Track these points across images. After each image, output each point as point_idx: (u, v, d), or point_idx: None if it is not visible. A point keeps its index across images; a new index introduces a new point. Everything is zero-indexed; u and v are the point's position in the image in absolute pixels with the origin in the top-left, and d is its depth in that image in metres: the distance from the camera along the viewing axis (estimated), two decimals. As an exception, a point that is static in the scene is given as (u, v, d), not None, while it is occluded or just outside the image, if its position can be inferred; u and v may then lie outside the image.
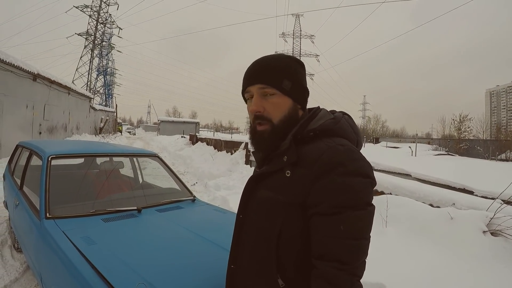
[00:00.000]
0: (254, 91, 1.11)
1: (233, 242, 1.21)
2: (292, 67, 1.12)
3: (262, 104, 1.09)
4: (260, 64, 1.12)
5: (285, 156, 1.03)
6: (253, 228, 1.11)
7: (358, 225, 0.92)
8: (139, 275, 1.58)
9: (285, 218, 1.00)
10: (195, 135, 20.81)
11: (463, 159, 21.77)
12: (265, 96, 1.09)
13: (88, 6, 48.54)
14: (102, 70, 52.87)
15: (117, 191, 3.24)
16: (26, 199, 2.91)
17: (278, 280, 1.01)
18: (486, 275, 3.15)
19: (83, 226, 2.23)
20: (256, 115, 1.10)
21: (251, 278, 1.10)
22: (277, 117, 1.08)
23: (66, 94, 18.96)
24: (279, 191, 1.03)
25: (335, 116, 1.13)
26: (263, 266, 1.05)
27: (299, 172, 1.00)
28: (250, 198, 1.15)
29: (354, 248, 0.91)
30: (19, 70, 11.96)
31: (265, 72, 1.09)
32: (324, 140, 1.02)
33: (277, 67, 1.10)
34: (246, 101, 1.19)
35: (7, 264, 3.39)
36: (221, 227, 2.45)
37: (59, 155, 2.93)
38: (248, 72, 1.14)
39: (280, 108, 1.09)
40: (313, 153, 0.99)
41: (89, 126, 26.20)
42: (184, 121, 57.78)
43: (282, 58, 1.14)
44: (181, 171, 11.45)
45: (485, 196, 5.59)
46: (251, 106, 1.11)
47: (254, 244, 1.10)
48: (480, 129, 35.56)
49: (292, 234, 1.00)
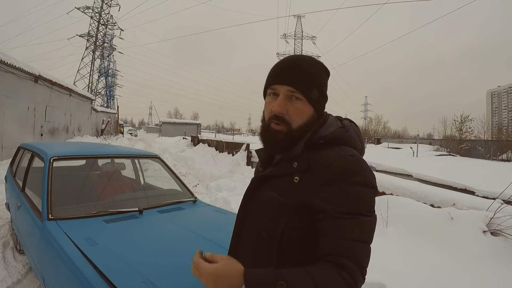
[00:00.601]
0: (281, 91, 1.08)
1: (232, 240, 1.22)
2: (322, 76, 1.12)
3: (286, 107, 1.07)
4: (294, 66, 1.09)
5: (296, 162, 1.04)
6: (255, 227, 1.11)
7: (368, 230, 0.97)
8: (141, 275, 1.60)
9: (289, 220, 1.01)
10: (196, 137, 20.81)
11: (465, 160, 21.74)
12: (290, 99, 1.07)
13: (89, 8, 48.64)
14: (104, 71, 53.01)
15: (119, 192, 3.26)
16: (28, 201, 2.93)
17: None
18: (486, 274, 3.15)
19: (85, 227, 2.24)
20: (276, 115, 1.08)
21: None
22: (297, 123, 1.08)
23: (68, 95, 18.97)
24: (286, 195, 1.03)
25: (344, 124, 1.14)
26: (263, 264, 1.05)
27: (308, 178, 1.01)
28: (253, 197, 1.15)
29: (364, 250, 0.95)
30: (20, 72, 11.97)
31: (298, 77, 1.07)
32: (334, 148, 1.04)
33: (311, 74, 1.08)
34: (265, 95, 1.17)
35: (9, 266, 3.40)
36: (222, 227, 2.46)
37: (61, 157, 2.95)
38: (279, 70, 1.11)
39: (302, 115, 1.08)
40: (323, 161, 1.00)
41: (91, 128, 26.21)
42: (185, 122, 57.70)
43: (315, 64, 1.12)
44: (183, 173, 11.46)
45: (486, 196, 5.57)
46: (275, 105, 1.08)
47: (254, 243, 1.11)
48: (481, 130, 35.42)
49: (295, 235, 1.01)
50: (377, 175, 6.32)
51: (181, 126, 50.29)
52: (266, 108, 1.13)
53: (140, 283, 1.45)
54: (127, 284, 1.50)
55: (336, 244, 0.94)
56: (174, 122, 55.88)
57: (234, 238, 1.21)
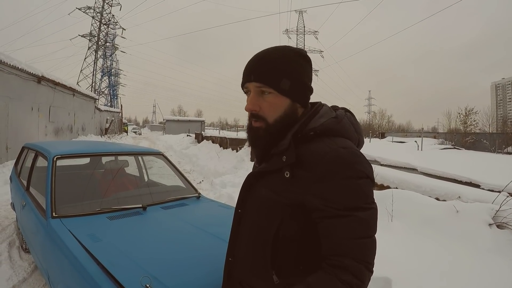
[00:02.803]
0: (251, 88, 1.07)
1: (231, 236, 1.21)
2: (294, 63, 1.06)
3: (258, 103, 1.06)
4: (259, 60, 1.07)
5: (284, 156, 1.01)
6: (251, 224, 1.12)
7: (370, 224, 0.94)
8: (143, 269, 1.60)
9: (283, 219, 1.01)
10: (200, 134, 20.87)
11: (469, 153, 21.63)
12: (262, 94, 1.06)
13: (91, 8, 48.73)
14: (107, 71, 53.15)
15: (122, 189, 3.27)
16: (32, 200, 2.94)
17: (273, 276, 1.03)
18: (491, 268, 3.13)
19: (88, 224, 2.25)
20: (251, 113, 1.08)
21: (247, 272, 1.12)
22: (272, 116, 1.05)
23: (71, 95, 19.03)
24: (278, 192, 1.02)
25: (337, 114, 1.10)
26: (259, 261, 1.06)
27: (299, 173, 0.99)
28: (248, 194, 1.15)
29: (369, 245, 0.94)
30: (23, 73, 12.00)
31: (263, 70, 1.04)
32: (325, 140, 1.01)
33: (277, 65, 1.04)
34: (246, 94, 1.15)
35: (15, 265, 3.43)
36: (225, 222, 2.44)
37: (64, 155, 2.96)
38: (246, 67, 1.09)
39: (276, 108, 1.05)
40: (314, 155, 0.97)
41: (95, 127, 26.31)
42: (189, 119, 57.69)
43: (285, 52, 1.07)
44: (187, 170, 11.48)
45: (491, 189, 5.56)
46: (246, 104, 1.08)
47: (251, 240, 1.11)
48: (486, 123, 35.36)
49: (289, 234, 1.01)
50: (381, 169, 6.31)
51: (185, 124, 50.32)
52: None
53: (142, 277, 1.45)
54: (130, 279, 1.50)
55: (338, 245, 0.93)
56: (178, 120, 55.90)
57: (232, 235, 1.21)
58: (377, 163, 9.45)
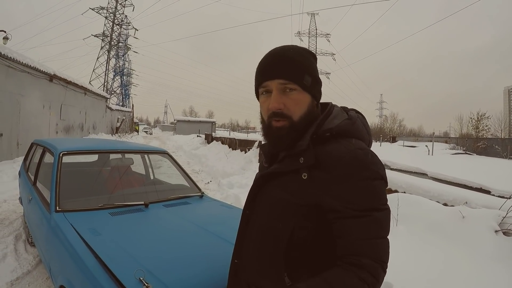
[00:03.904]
0: (273, 86, 1.04)
1: (238, 237, 1.21)
2: (309, 60, 1.08)
3: (282, 101, 1.03)
4: (279, 57, 1.05)
5: (302, 157, 1.00)
6: (261, 226, 1.10)
7: (384, 224, 0.95)
8: (140, 264, 1.61)
9: (298, 220, 0.99)
10: (210, 134, 20.94)
11: (481, 158, 21.34)
12: (285, 92, 1.03)
13: (104, 8, 49.25)
14: (119, 70, 53.58)
15: (127, 187, 3.29)
16: (38, 194, 2.99)
17: (285, 278, 1.01)
18: (497, 275, 3.08)
19: (90, 219, 2.28)
20: (275, 112, 1.03)
21: (256, 274, 1.10)
22: (297, 114, 1.04)
23: (83, 94, 19.25)
24: (293, 193, 1.01)
25: (350, 116, 1.10)
26: (270, 263, 1.05)
27: (317, 175, 0.98)
28: (258, 195, 1.14)
29: (383, 245, 0.95)
30: (35, 71, 12.18)
31: (286, 67, 1.03)
32: (342, 142, 1.00)
33: (298, 61, 1.04)
34: (257, 96, 1.13)
35: (20, 258, 3.48)
36: (226, 221, 2.48)
37: (70, 151, 2.99)
38: (265, 66, 1.07)
39: (301, 104, 1.04)
40: (332, 156, 0.97)
41: (106, 126, 26.57)
42: (200, 120, 57.92)
43: (300, 50, 1.08)
44: (196, 170, 11.52)
45: (502, 195, 5.47)
46: (271, 102, 1.04)
47: (261, 241, 1.09)
48: (498, 128, 34.72)
49: (303, 235, 1.00)
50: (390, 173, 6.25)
51: (195, 124, 50.53)
52: (262, 108, 1.10)
53: (137, 270, 1.46)
54: (125, 272, 1.51)
55: (354, 245, 0.93)
56: (189, 120, 56.20)
57: (239, 236, 1.21)
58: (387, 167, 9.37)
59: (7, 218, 4.75)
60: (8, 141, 10.40)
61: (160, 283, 1.47)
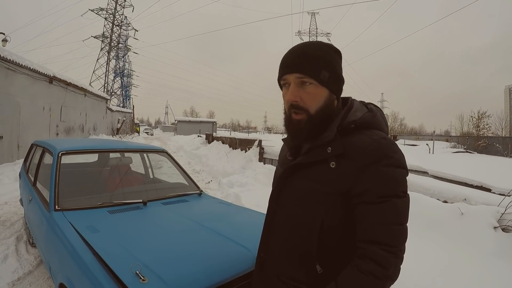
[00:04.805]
0: (291, 80, 1.10)
1: (264, 231, 1.26)
2: (331, 56, 1.12)
3: (299, 94, 1.09)
4: (299, 52, 1.10)
5: (329, 147, 1.06)
6: (290, 217, 1.14)
7: (402, 211, 1.00)
8: (136, 258, 1.63)
9: (328, 208, 1.04)
10: (211, 134, 20.92)
11: (482, 157, 21.29)
12: (302, 85, 1.09)
13: (103, 9, 49.37)
14: (119, 72, 53.66)
15: (126, 186, 3.30)
16: (38, 194, 3.01)
17: (316, 266, 1.06)
18: (495, 271, 3.09)
19: (89, 217, 2.29)
20: (292, 104, 1.10)
21: (285, 265, 1.14)
22: (313, 107, 1.09)
23: (83, 95, 19.25)
24: (322, 182, 1.06)
25: (371, 108, 1.17)
26: (301, 253, 1.09)
27: (344, 163, 1.03)
28: (284, 187, 1.18)
29: (399, 232, 0.99)
30: (35, 73, 12.17)
31: (304, 62, 1.08)
32: (365, 132, 1.07)
33: (316, 57, 1.08)
34: (281, 88, 1.18)
35: (21, 258, 3.49)
36: (224, 218, 2.52)
37: (69, 151, 3.00)
38: (286, 60, 1.12)
39: (317, 98, 1.09)
40: (358, 145, 1.03)
41: (106, 127, 26.58)
42: (201, 120, 57.80)
43: (321, 46, 1.13)
44: (197, 170, 11.53)
45: (502, 193, 5.47)
46: (287, 95, 1.11)
47: (291, 232, 1.13)
48: (499, 126, 34.76)
49: (334, 223, 1.05)
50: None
51: (196, 125, 50.43)
52: (284, 100, 1.16)
53: (133, 264, 1.48)
54: (122, 266, 1.53)
55: (369, 230, 0.98)
56: (190, 121, 56.09)
57: (266, 230, 1.25)
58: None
59: (9, 220, 4.76)
60: (9, 143, 10.41)
61: (156, 276, 1.49)
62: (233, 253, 1.85)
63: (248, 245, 1.91)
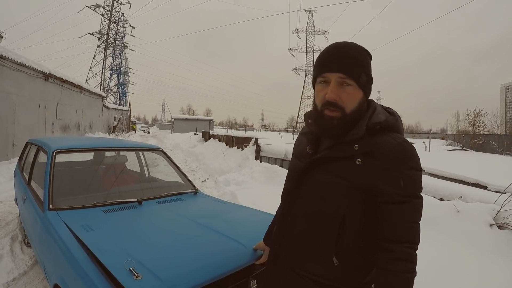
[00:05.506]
0: (333, 78, 1.13)
1: (279, 224, 1.29)
2: (367, 60, 1.17)
3: (339, 93, 1.12)
4: (341, 53, 1.14)
5: (357, 145, 1.10)
6: (310, 209, 1.18)
7: (419, 210, 1.08)
8: (130, 255, 1.62)
9: (350, 202, 1.10)
10: (208, 132, 20.87)
11: (478, 154, 21.41)
12: (341, 85, 1.12)
13: (100, 6, 48.97)
14: (116, 69, 53.37)
15: (122, 184, 3.29)
16: (32, 193, 2.98)
17: (333, 258, 1.11)
18: (492, 268, 3.10)
19: (83, 216, 2.28)
20: (330, 101, 1.13)
21: (301, 257, 1.19)
22: (350, 107, 1.13)
23: (79, 93, 19.14)
24: (347, 177, 1.10)
25: (392, 112, 1.23)
26: (320, 245, 1.14)
27: (370, 162, 1.08)
28: (305, 180, 1.21)
29: (418, 229, 1.07)
30: (30, 70, 12.10)
31: (347, 63, 1.12)
32: (390, 135, 1.12)
33: (358, 60, 1.13)
34: (314, 84, 1.22)
35: (16, 258, 3.46)
36: (219, 215, 2.52)
37: (63, 150, 2.98)
38: (328, 59, 1.15)
39: (354, 99, 1.14)
40: (383, 147, 1.08)
41: (102, 125, 26.47)
42: (197, 118, 57.59)
43: (359, 49, 1.17)
44: (194, 168, 11.51)
45: (498, 190, 5.49)
46: (328, 93, 1.13)
47: (310, 224, 1.17)
48: (494, 124, 34.95)
49: (354, 217, 1.10)
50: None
51: (193, 122, 50.29)
52: (317, 96, 1.19)
53: (127, 261, 1.48)
54: (116, 263, 1.53)
55: (392, 228, 1.06)
56: (186, 119, 55.95)
57: (281, 222, 1.28)
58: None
59: (3, 219, 4.72)
60: (4, 141, 10.35)
61: (150, 273, 1.48)
62: (229, 249, 1.86)
63: (244, 241, 1.92)
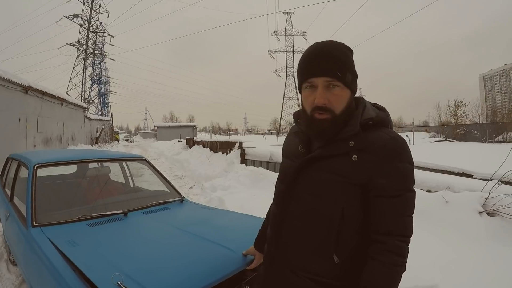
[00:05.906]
0: (319, 83, 1.12)
1: (274, 226, 1.28)
2: (350, 57, 1.17)
3: (327, 96, 1.12)
4: (324, 56, 1.13)
5: (352, 141, 1.11)
6: (307, 208, 1.17)
7: (412, 204, 1.10)
8: (117, 269, 1.59)
9: (348, 198, 1.11)
10: (191, 139, 20.76)
11: (461, 144, 21.80)
12: (328, 88, 1.12)
13: (78, 15, 48.39)
14: (96, 79, 52.78)
15: (106, 196, 3.23)
16: (15, 210, 2.90)
17: (333, 256, 1.11)
18: (491, 254, 3.13)
19: (68, 231, 2.22)
20: (319, 106, 1.13)
21: (300, 257, 1.18)
22: (339, 108, 1.14)
23: (59, 105, 18.85)
24: (343, 174, 1.11)
25: (382, 108, 1.25)
26: (319, 244, 1.13)
27: (364, 157, 1.09)
28: (299, 179, 1.20)
29: (411, 222, 1.09)
30: (9, 83, 11.88)
31: (332, 65, 1.11)
32: (383, 130, 1.14)
33: (341, 60, 1.13)
34: (300, 90, 1.21)
35: (3, 278, 3.37)
36: (206, 222, 2.50)
37: (45, 163, 2.91)
38: (311, 63, 1.14)
39: (342, 100, 1.14)
40: (378, 141, 1.09)
41: (85, 136, 26.09)
42: (180, 125, 57.09)
43: (341, 47, 1.16)
44: (179, 175, 11.40)
45: (484, 178, 5.57)
46: (317, 98, 1.13)
47: (308, 223, 1.16)
48: (476, 114, 35.69)
49: (352, 212, 1.11)
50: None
51: (176, 130, 49.89)
52: (305, 101, 1.18)
53: (114, 275, 1.44)
54: (103, 278, 1.49)
55: (384, 222, 1.07)
56: (169, 126, 55.51)
57: (277, 224, 1.27)
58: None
59: (-13, 238, 4.58)
60: (-16, 157, 10.07)
61: (138, 285, 1.46)
62: (218, 256, 1.84)
63: (234, 247, 1.90)
